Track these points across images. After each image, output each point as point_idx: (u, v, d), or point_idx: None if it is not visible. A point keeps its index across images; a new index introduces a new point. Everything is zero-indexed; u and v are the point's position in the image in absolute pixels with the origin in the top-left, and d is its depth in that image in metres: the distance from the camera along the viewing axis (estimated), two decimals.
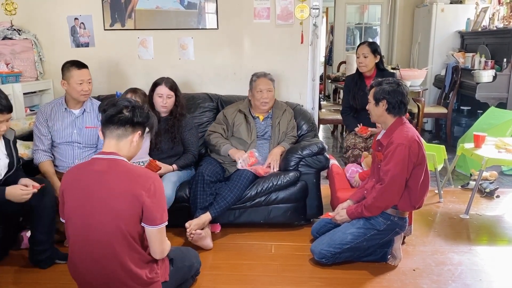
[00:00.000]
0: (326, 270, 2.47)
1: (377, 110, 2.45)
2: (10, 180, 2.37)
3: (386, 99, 2.39)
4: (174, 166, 2.94)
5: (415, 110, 5.11)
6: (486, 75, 4.77)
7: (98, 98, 3.16)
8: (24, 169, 2.68)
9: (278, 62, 3.66)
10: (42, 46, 3.70)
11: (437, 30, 5.79)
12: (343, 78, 5.61)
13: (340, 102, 6.15)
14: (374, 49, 3.34)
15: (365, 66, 3.36)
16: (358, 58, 3.40)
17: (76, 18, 3.66)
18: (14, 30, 3.55)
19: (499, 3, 5.29)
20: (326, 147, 3.06)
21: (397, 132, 2.36)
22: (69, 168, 2.77)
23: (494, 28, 5.09)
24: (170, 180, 2.79)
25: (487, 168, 3.27)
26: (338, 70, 6.90)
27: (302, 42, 3.62)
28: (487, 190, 3.63)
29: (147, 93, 3.06)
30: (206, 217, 2.72)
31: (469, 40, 5.67)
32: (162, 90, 3.00)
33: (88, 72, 2.85)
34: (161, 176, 2.74)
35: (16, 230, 2.70)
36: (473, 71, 4.95)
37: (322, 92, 8.59)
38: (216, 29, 3.64)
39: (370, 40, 7.51)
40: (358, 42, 8.25)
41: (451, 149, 4.43)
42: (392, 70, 4.28)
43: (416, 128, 3.60)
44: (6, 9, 3.60)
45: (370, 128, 3.17)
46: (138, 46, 3.69)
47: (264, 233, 2.95)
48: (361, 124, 3.23)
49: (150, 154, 2.94)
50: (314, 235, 2.74)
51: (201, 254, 2.46)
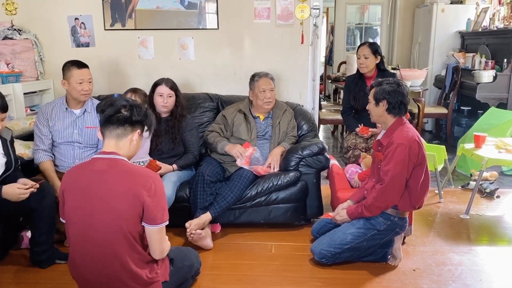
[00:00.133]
0: (326, 270, 2.47)
1: (377, 110, 2.45)
2: (8, 180, 2.37)
3: (386, 99, 2.39)
4: (174, 166, 2.94)
5: (416, 110, 5.10)
6: (486, 76, 4.77)
7: (99, 98, 3.16)
8: (24, 169, 2.68)
9: (278, 62, 3.66)
10: (43, 46, 3.71)
11: (437, 30, 5.78)
12: (344, 78, 5.61)
13: (340, 102, 6.15)
14: (375, 49, 3.33)
15: (366, 67, 3.35)
16: (359, 59, 3.38)
17: (76, 18, 3.66)
18: (15, 30, 3.55)
19: (500, 3, 5.29)
20: (327, 147, 3.07)
21: (397, 132, 2.36)
22: (69, 168, 2.78)
23: (495, 28, 5.09)
24: (170, 180, 2.79)
25: (487, 168, 3.27)
26: (338, 70, 6.90)
27: (302, 42, 3.62)
28: (488, 190, 3.63)
29: (147, 93, 3.06)
30: (206, 217, 2.73)
31: (469, 40, 5.66)
32: (163, 89, 3.00)
33: (88, 71, 2.86)
34: (161, 176, 2.75)
35: (16, 230, 2.70)
36: (473, 72, 4.95)
37: (323, 92, 8.59)
38: (216, 29, 3.65)
39: (371, 40, 7.56)
40: (358, 42, 8.26)
41: (451, 149, 4.43)
42: (392, 71, 4.27)
43: (416, 128, 3.60)
44: (6, 9, 3.61)
45: (370, 128, 3.16)
46: (138, 46, 3.70)
47: (264, 233, 2.96)
48: (361, 124, 3.23)
49: (150, 155, 2.94)
50: (314, 235, 2.74)
51: (201, 254, 2.46)
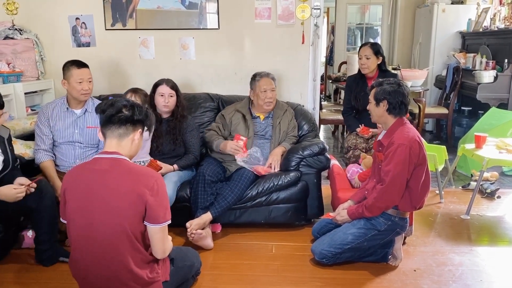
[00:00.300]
0: (326, 270, 2.47)
1: (377, 111, 2.45)
2: (6, 179, 2.37)
3: (386, 100, 2.39)
4: (175, 166, 2.94)
5: (416, 111, 5.10)
6: (487, 76, 4.77)
7: (99, 98, 3.15)
8: (25, 168, 2.69)
9: (279, 62, 3.66)
10: (43, 46, 3.71)
11: (438, 31, 5.78)
12: (344, 79, 5.60)
13: (341, 102, 6.14)
14: (377, 50, 3.32)
15: (367, 67, 3.34)
16: (360, 59, 3.36)
17: (77, 18, 3.66)
18: (16, 29, 3.56)
19: (500, 4, 5.28)
20: (327, 148, 3.06)
21: (397, 132, 2.36)
22: (70, 167, 2.79)
23: (495, 28, 5.09)
24: (171, 180, 2.79)
25: (488, 168, 3.27)
26: (339, 70, 6.89)
27: (303, 42, 3.63)
28: (488, 190, 3.62)
29: (148, 93, 3.06)
30: (207, 217, 2.73)
31: (470, 40, 5.66)
32: (164, 89, 3.00)
33: (88, 71, 2.85)
34: (162, 176, 2.74)
35: (17, 230, 2.70)
36: (474, 72, 4.95)
37: (323, 92, 8.59)
38: (217, 29, 3.65)
39: (371, 40, 7.56)
40: (359, 42, 8.26)
41: (452, 149, 4.43)
42: (393, 71, 4.27)
43: (417, 128, 3.60)
44: (7, 8, 3.61)
45: (371, 128, 3.16)
46: (139, 46, 3.70)
47: (264, 233, 2.96)
48: (362, 124, 3.21)
49: (151, 155, 2.94)
50: (314, 235, 2.74)
51: (201, 254, 2.47)
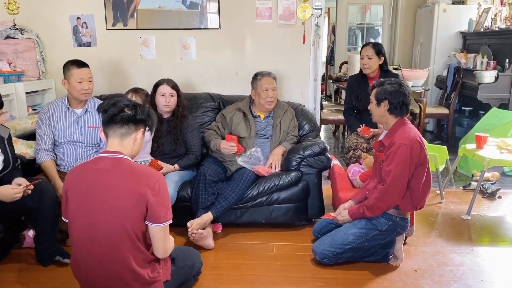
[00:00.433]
0: (327, 270, 2.47)
1: (378, 111, 2.45)
2: (6, 179, 2.37)
3: (388, 100, 2.39)
4: (176, 166, 2.94)
5: (417, 111, 5.10)
6: (488, 76, 4.76)
7: (100, 98, 3.16)
8: (26, 168, 2.69)
9: (280, 62, 3.66)
10: (45, 46, 3.71)
11: (439, 31, 5.78)
12: (345, 78, 5.61)
13: (341, 102, 6.14)
14: (379, 50, 3.31)
15: (369, 67, 3.33)
16: (362, 59, 3.35)
17: (78, 18, 3.66)
18: (17, 29, 3.56)
19: (502, 4, 5.28)
20: (328, 148, 3.06)
21: (399, 132, 2.36)
22: (71, 167, 2.79)
23: (496, 28, 5.09)
24: (172, 179, 2.79)
25: (489, 169, 3.27)
26: (340, 70, 6.89)
27: (304, 42, 3.63)
28: (489, 191, 3.62)
29: (149, 93, 3.05)
30: (208, 216, 2.73)
31: (471, 40, 5.66)
32: (165, 89, 3.00)
33: (88, 71, 2.85)
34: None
35: (18, 229, 2.70)
36: (475, 72, 4.95)
37: (324, 92, 8.58)
38: (218, 29, 3.65)
39: (372, 40, 7.55)
40: (360, 42, 8.25)
41: (453, 149, 4.42)
42: (394, 71, 4.27)
43: (417, 128, 3.60)
44: (8, 8, 3.61)
45: (372, 128, 3.16)
46: (140, 45, 3.70)
47: (265, 233, 2.95)
48: (363, 124, 3.22)
49: (152, 155, 2.94)
50: (315, 235, 2.74)
51: (202, 253, 2.46)
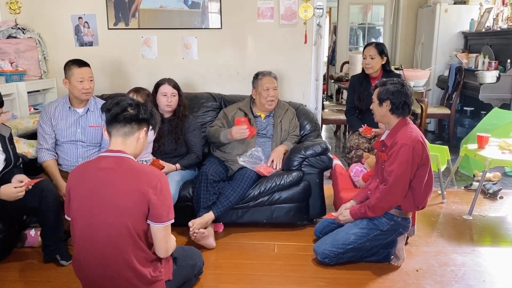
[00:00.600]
0: (329, 270, 2.47)
1: (380, 110, 2.45)
2: (7, 178, 2.37)
3: (389, 100, 2.39)
4: (177, 165, 2.94)
5: (418, 111, 5.09)
6: (489, 76, 4.76)
7: (102, 97, 3.16)
8: (28, 167, 2.69)
9: (281, 62, 3.66)
10: (46, 45, 3.71)
11: (440, 31, 5.76)
12: (346, 78, 5.61)
13: (342, 102, 6.14)
14: (381, 50, 3.30)
15: (371, 67, 3.32)
16: (364, 59, 3.34)
17: (80, 17, 3.67)
18: (19, 29, 3.56)
19: (503, 4, 5.27)
20: (330, 148, 3.06)
21: (401, 132, 2.36)
22: (72, 167, 2.80)
23: (498, 28, 5.08)
24: (173, 179, 2.79)
25: (491, 169, 3.27)
26: (341, 70, 6.90)
27: (305, 42, 3.63)
28: (490, 191, 3.62)
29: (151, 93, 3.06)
30: (209, 216, 2.73)
31: (472, 40, 5.65)
32: (166, 88, 3.00)
33: (89, 70, 2.85)
34: None
35: (20, 228, 2.71)
36: (476, 72, 4.94)
37: (325, 92, 8.58)
38: (219, 28, 3.65)
39: (374, 40, 7.55)
40: (361, 42, 8.25)
41: (454, 150, 4.42)
42: (395, 71, 4.26)
43: (419, 128, 3.59)
44: (10, 8, 3.62)
45: (374, 128, 3.15)
46: (141, 45, 3.70)
47: (267, 232, 2.95)
48: (365, 124, 3.21)
49: (153, 155, 2.94)
50: (317, 235, 2.74)
51: (204, 253, 2.46)
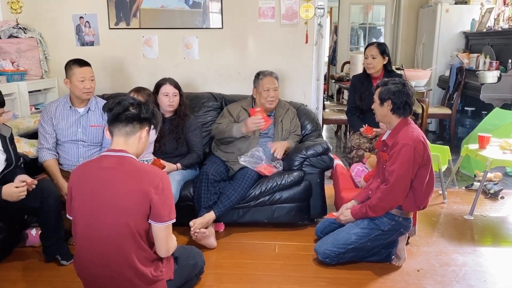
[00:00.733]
0: (330, 270, 2.47)
1: (381, 110, 2.45)
2: (9, 177, 2.37)
3: (391, 99, 2.39)
4: (178, 165, 2.94)
5: (419, 111, 5.09)
6: (490, 76, 4.76)
7: (103, 97, 3.16)
8: (29, 167, 2.69)
9: (282, 62, 3.66)
10: (47, 45, 3.71)
11: (441, 31, 5.76)
12: (347, 78, 5.60)
13: (343, 102, 6.13)
14: (383, 50, 3.30)
15: (373, 67, 3.32)
16: (366, 59, 3.34)
17: (81, 17, 3.67)
18: (20, 28, 3.56)
19: (504, 4, 5.27)
20: (331, 147, 3.06)
21: (402, 132, 2.36)
22: (73, 166, 2.79)
23: (499, 29, 5.08)
24: (174, 178, 2.79)
25: (492, 169, 3.26)
26: (342, 70, 6.89)
27: (306, 42, 3.62)
28: (492, 191, 3.62)
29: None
30: (210, 216, 2.73)
31: (473, 40, 5.65)
32: (168, 88, 3.01)
33: (90, 70, 2.85)
34: None
35: (20, 228, 2.71)
36: (477, 72, 4.94)
37: (326, 92, 8.57)
38: (220, 28, 3.65)
39: (375, 40, 7.54)
40: (362, 42, 8.24)
41: (455, 150, 4.42)
42: (396, 71, 4.25)
43: (420, 128, 3.58)
44: (11, 7, 3.62)
45: (375, 128, 3.15)
46: (142, 45, 3.70)
47: (267, 232, 2.95)
48: (366, 124, 3.21)
49: (154, 155, 2.94)
50: (318, 235, 2.74)
51: (205, 253, 2.46)
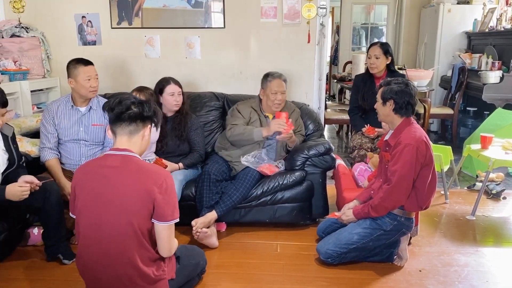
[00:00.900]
0: (331, 270, 2.47)
1: (384, 110, 2.45)
2: (11, 177, 2.37)
3: (393, 99, 2.39)
4: (180, 164, 2.95)
5: (421, 111, 5.08)
6: (493, 76, 4.74)
7: (105, 96, 3.16)
8: (31, 166, 2.69)
9: (284, 62, 3.66)
10: (50, 44, 3.72)
11: (443, 31, 5.75)
12: (349, 78, 5.60)
13: (345, 102, 6.13)
14: (386, 50, 3.30)
15: (376, 67, 3.31)
16: (369, 58, 3.33)
17: (83, 16, 3.67)
18: (22, 28, 3.57)
19: (507, 4, 5.26)
20: (333, 147, 3.05)
21: (404, 132, 2.36)
22: (75, 166, 2.81)
23: (502, 29, 5.06)
24: (176, 178, 2.78)
25: (494, 169, 3.26)
26: (343, 70, 6.88)
27: (309, 42, 3.62)
28: (494, 191, 3.61)
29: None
30: (212, 215, 2.73)
31: (476, 40, 5.63)
32: (173, 88, 3.01)
33: (94, 68, 2.86)
34: None
35: (23, 227, 2.71)
36: (480, 72, 4.93)
37: (328, 92, 8.57)
38: (223, 28, 3.65)
39: (376, 40, 7.53)
40: (364, 42, 8.23)
41: (457, 150, 4.41)
42: (398, 71, 4.25)
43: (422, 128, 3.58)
44: (14, 6, 3.63)
45: (377, 128, 3.15)
46: (145, 44, 3.70)
47: (269, 232, 2.95)
48: (368, 124, 3.21)
49: (156, 154, 2.95)
50: (320, 235, 2.74)
51: (206, 252, 2.46)
